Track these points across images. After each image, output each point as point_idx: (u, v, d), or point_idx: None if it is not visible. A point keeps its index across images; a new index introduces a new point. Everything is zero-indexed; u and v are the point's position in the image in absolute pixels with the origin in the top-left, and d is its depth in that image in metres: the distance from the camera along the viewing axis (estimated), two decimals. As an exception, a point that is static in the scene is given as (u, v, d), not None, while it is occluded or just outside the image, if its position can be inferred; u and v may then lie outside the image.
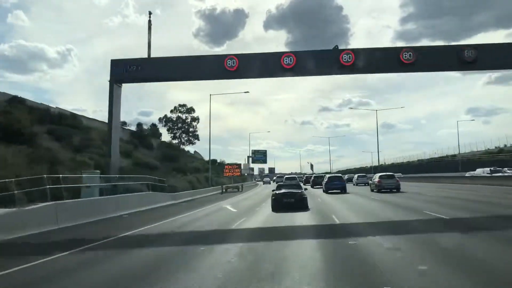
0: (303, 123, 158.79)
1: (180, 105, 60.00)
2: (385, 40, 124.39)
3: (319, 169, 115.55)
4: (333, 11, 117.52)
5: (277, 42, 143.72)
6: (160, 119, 59.87)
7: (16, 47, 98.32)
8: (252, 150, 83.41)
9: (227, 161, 67.28)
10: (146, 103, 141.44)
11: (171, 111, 60.02)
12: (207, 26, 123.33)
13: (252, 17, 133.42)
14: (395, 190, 27.01)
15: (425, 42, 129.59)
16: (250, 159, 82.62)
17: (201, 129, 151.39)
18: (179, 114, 60.21)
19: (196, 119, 60.82)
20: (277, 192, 17.13)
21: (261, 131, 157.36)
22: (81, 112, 53.59)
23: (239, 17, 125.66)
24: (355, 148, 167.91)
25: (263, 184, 77.13)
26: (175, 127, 60.18)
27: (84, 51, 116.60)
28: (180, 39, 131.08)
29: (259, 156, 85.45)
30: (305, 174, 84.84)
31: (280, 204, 16.30)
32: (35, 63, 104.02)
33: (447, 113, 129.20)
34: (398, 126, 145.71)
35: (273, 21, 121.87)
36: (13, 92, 28.76)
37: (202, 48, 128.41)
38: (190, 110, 60.24)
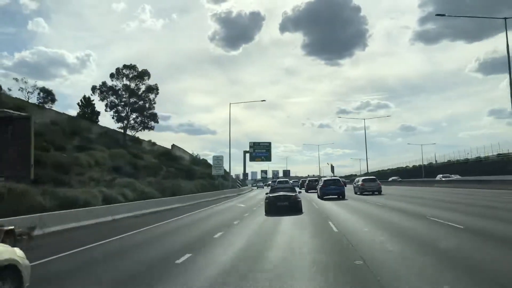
0: (321, 126, 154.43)
1: (125, 66, 38.45)
2: (404, 41, 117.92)
3: (340, 172, 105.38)
4: (351, 12, 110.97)
5: (293, 44, 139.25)
6: (93, 89, 38.43)
7: (37, 53, 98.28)
8: (250, 142, 61.19)
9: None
10: (164, 107, 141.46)
11: (112, 76, 38.57)
12: (223, 30, 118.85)
13: (269, 20, 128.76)
14: (377, 193, 28.11)
15: (445, 43, 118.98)
16: (248, 155, 60.62)
17: (219, 132, 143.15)
18: (126, 82, 38.93)
19: (153, 89, 39.41)
20: (270, 195, 16.83)
21: (252, 100, 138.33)
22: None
23: (255, 20, 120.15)
24: (374, 151, 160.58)
25: (257, 188, 64.09)
26: (120, 102, 38.90)
27: (102, 56, 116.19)
28: (196, 43, 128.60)
29: (260, 151, 61.16)
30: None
31: (274, 207, 15.95)
32: (55, 69, 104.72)
33: (468, 115, 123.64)
34: (418, 128, 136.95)
35: (289, 23, 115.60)
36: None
37: (217, 52, 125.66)
38: (143, 74, 38.74)
